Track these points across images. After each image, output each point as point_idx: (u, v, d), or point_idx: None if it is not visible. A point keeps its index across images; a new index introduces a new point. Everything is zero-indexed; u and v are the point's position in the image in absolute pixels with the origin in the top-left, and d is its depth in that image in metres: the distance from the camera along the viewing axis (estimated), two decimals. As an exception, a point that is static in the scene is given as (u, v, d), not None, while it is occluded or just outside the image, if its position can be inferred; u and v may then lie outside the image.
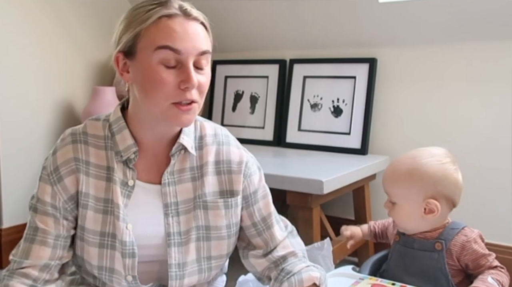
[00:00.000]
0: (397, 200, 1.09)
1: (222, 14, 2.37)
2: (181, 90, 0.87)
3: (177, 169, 0.97)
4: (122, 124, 0.95)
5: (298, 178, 1.60)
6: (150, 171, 0.97)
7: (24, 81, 2.07)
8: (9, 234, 2.01)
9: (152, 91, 0.87)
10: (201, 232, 0.96)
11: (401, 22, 2.03)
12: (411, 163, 1.08)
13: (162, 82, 0.86)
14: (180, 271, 0.94)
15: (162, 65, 0.86)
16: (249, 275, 1.10)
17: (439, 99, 2.05)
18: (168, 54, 0.86)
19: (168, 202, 0.95)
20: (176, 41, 0.85)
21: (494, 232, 1.92)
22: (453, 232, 1.07)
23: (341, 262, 0.91)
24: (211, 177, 0.98)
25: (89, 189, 0.93)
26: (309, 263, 0.99)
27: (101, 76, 2.41)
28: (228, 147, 1.02)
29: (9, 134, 2.01)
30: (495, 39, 1.91)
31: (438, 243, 1.06)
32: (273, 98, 2.40)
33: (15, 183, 2.04)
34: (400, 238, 1.13)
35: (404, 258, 1.11)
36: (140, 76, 0.89)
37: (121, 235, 0.91)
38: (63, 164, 0.93)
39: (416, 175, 1.06)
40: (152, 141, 0.96)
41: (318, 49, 2.32)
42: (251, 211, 1.01)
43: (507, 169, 1.91)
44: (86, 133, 0.96)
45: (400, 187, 1.08)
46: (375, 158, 2.07)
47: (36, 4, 2.09)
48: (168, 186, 0.95)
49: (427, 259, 1.06)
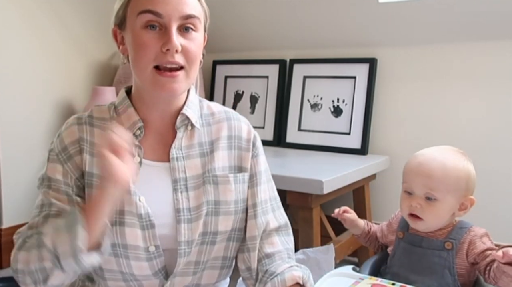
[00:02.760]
0: (441, 195, 1.05)
1: (222, 14, 2.37)
2: (164, 53, 0.87)
3: (185, 144, 0.97)
4: (127, 103, 0.96)
5: (298, 178, 1.60)
6: (157, 149, 0.97)
7: (24, 81, 2.07)
8: (9, 234, 2.01)
9: (137, 56, 0.88)
10: (210, 207, 0.95)
11: (401, 22, 2.03)
12: (457, 158, 1.08)
13: (144, 46, 0.87)
14: (188, 248, 0.93)
15: (145, 30, 0.87)
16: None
17: (439, 99, 2.05)
18: (150, 18, 0.87)
19: (177, 177, 0.94)
20: (158, 4, 0.86)
21: (494, 232, 1.92)
22: (462, 231, 1.07)
23: (341, 262, 0.91)
24: (222, 151, 0.98)
25: (93, 168, 0.93)
26: (292, 263, 0.98)
27: (101, 76, 2.41)
28: (239, 123, 1.03)
29: (9, 134, 2.01)
30: (495, 39, 1.91)
31: (448, 242, 1.06)
32: (273, 98, 2.40)
33: (15, 183, 2.04)
34: (405, 235, 1.13)
35: (410, 256, 1.10)
36: (129, 44, 0.91)
37: (135, 209, 0.90)
38: (71, 143, 0.94)
39: (464, 169, 1.07)
40: (156, 118, 0.96)
41: (318, 49, 2.32)
42: (254, 191, 1.01)
43: (508, 168, 1.91)
44: (92, 117, 0.97)
45: (450, 181, 1.05)
46: (375, 158, 2.07)
47: (36, 4, 2.09)
48: (176, 161, 0.95)
49: (436, 257, 1.06)
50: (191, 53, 0.89)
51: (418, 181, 1.06)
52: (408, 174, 1.10)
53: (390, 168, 2.09)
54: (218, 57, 2.59)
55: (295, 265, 0.97)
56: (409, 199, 1.08)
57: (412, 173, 1.09)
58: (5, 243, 1.99)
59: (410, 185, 1.08)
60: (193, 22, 0.90)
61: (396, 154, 2.12)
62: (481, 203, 1.94)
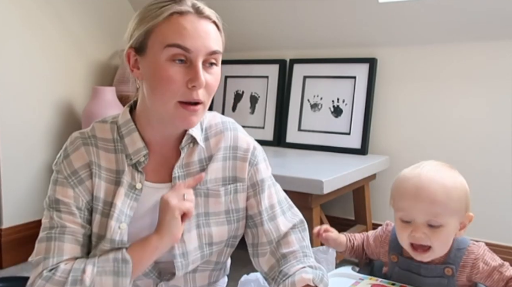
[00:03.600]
0: (445, 221, 0.95)
1: (223, 14, 2.36)
2: (188, 89, 0.86)
3: (185, 162, 0.97)
4: (132, 127, 0.95)
5: (298, 178, 1.60)
6: (159, 170, 0.96)
7: (24, 81, 2.07)
8: (9, 234, 2.01)
9: (159, 88, 0.87)
10: (201, 219, 0.96)
11: (401, 22, 2.03)
12: (453, 175, 0.99)
13: (170, 80, 0.86)
14: (185, 260, 0.94)
15: (171, 63, 0.86)
16: (251, 275, 1.10)
17: (439, 99, 2.05)
18: (178, 52, 0.85)
19: None
20: (186, 39, 0.85)
21: (494, 232, 1.92)
22: (461, 253, 0.99)
23: (341, 262, 0.90)
24: (216, 163, 0.98)
25: (100, 193, 0.92)
26: (308, 262, 0.97)
27: (101, 76, 2.41)
28: (235, 133, 1.02)
29: (9, 134, 2.01)
30: (495, 39, 1.91)
31: (448, 268, 0.98)
32: (273, 98, 2.40)
33: (15, 183, 2.04)
34: (399, 259, 1.04)
35: (407, 282, 1.02)
36: (149, 73, 0.89)
37: (110, 234, 0.89)
38: (82, 168, 0.92)
39: (462, 187, 0.98)
40: (161, 141, 0.96)
41: (318, 49, 2.32)
42: (258, 200, 1.00)
43: (508, 168, 1.91)
44: (95, 137, 0.96)
45: (454, 204, 0.95)
46: (375, 158, 2.07)
47: (36, 4, 2.09)
48: (178, 180, 0.95)
49: (436, 285, 0.99)
50: (212, 88, 0.90)
51: (420, 208, 0.95)
52: (405, 201, 0.97)
53: (390, 168, 2.09)
54: (218, 57, 2.58)
55: (308, 266, 0.95)
56: (408, 228, 0.97)
57: (410, 199, 0.96)
58: (5, 243, 1.99)
59: (408, 213, 0.96)
60: (217, 57, 0.91)
61: (396, 154, 2.12)
62: (481, 203, 1.95)
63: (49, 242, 0.89)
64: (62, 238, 0.89)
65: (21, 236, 2.04)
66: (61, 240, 0.89)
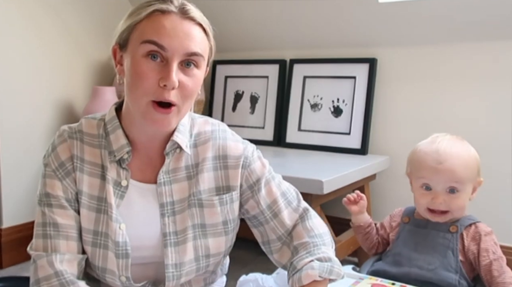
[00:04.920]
0: (462, 186, 1.08)
1: (222, 14, 2.37)
2: (161, 88, 0.85)
3: (172, 168, 0.95)
4: (116, 124, 0.95)
5: (298, 178, 1.60)
6: (144, 170, 0.96)
7: (24, 81, 2.07)
8: (9, 234, 2.01)
9: (133, 84, 0.87)
10: (197, 231, 0.95)
11: (401, 22, 2.03)
12: (466, 146, 1.13)
13: (143, 75, 0.85)
14: (177, 271, 0.93)
15: (146, 59, 0.85)
16: (250, 275, 1.11)
17: (439, 99, 2.05)
18: (153, 48, 0.85)
19: (164, 202, 0.94)
20: (163, 37, 0.84)
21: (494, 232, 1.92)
22: (469, 221, 1.11)
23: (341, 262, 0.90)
24: (207, 173, 0.97)
25: (83, 186, 0.92)
26: (317, 254, 0.93)
27: (101, 76, 2.41)
28: (225, 142, 1.00)
29: (9, 134, 2.01)
30: (495, 39, 1.91)
31: (453, 225, 1.09)
32: (273, 98, 2.40)
33: (15, 183, 2.04)
34: (410, 219, 1.16)
35: (414, 236, 1.13)
36: (127, 68, 0.89)
37: (114, 235, 0.90)
38: (67, 160, 0.93)
39: (475, 155, 1.12)
40: (145, 140, 0.95)
41: (318, 49, 2.32)
42: (257, 199, 0.99)
43: (508, 168, 1.91)
44: (81, 132, 0.96)
45: (470, 171, 1.09)
46: (375, 158, 2.07)
47: (37, 4, 2.09)
48: (163, 186, 0.94)
49: (440, 238, 1.09)
50: (187, 90, 0.87)
51: (440, 178, 1.08)
52: (426, 170, 1.09)
53: (390, 168, 2.09)
54: (218, 57, 2.58)
55: (317, 259, 0.92)
56: (428, 194, 1.10)
57: (431, 169, 1.08)
58: (5, 243, 1.99)
59: (429, 181, 1.09)
60: (196, 59, 0.88)
61: (396, 154, 2.12)
62: (482, 203, 1.95)
63: (46, 239, 0.90)
64: (57, 236, 0.90)
65: (21, 236, 2.04)
66: (57, 238, 0.90)
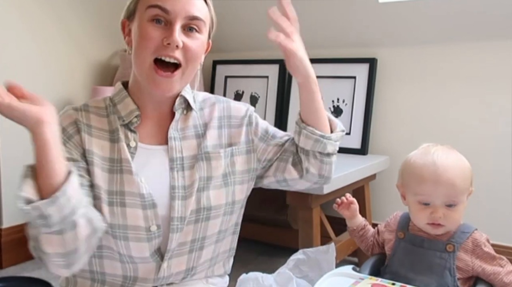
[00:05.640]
0: (460, 199, 1.05)
1: (222, 14, 2.36)
2: (164, 46, 0.90)
3: (181, 126, 1.01)
4: (124, 94, 0.99)
5: (298, 178, 1.59)
6: (154, 134, 1.00)
7: (24, 81, 2.05)
8: (9, 234, 2.01)
9: (138, 47, 0.92)
10: (202, 183, 0.98)
11: (401, 22, 2.03)
12: (459, 156, 1.09)
13: (147, 37, 0.90)
14: (181, 224, 0.95)
15: (150, 23, 0.91)
16: (250, 274, 1.11)
17: (439, 99, 2.05)
18: (157, 12, 0.90)
19: (174, 157, 0.98)
20: (167, 1, 0.90)
21: (494, 232, 1.92)
22: (464, 236, 1.07)
23: (341, 262, 0.91)
24: (213, 130, 1.03)
25: (92, 147, 0.94)
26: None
27: (101, 76, 2.41)
28: (229, 104, 1.09)
29: (9, 134, 2.01)
30: (494, 39, 1.91)
31: (449, 244, 1.06)
32: (273, 98, 2.40)
33: (15, 183, 2.02)
34: (405, 235, 1.13)
35: (410, 255, 1.10)
36: (134, 35, 0.94)
37: (138, 188, 0.92)
38: (69, 125, 0.96)
39: (468, 166, 1.09)
40: (153, 107, 0.99)
41: (318, 49, 2.32)
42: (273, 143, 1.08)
43: (507, 168, 1.91)
44: (87, 105, 1.01)
45: (467, 183, 1.07)
46: (375, 158, 2.07)
47: (36, 4, 2.09)
48: (174, 141, 0.99)
49: (437, 258, 1.06)
50: (191, 51, 0.92)
51: (440, 192, 1.03)
52: (424, 186, 1.05)
53: (390, 168, 2.09)
54: (218, 57, 2.58)
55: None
56: (427, 210, 1.05)
57: (430, 185, 1.04)
58: (5, 243, 1.99)
59: (428, 197, 1.05)
60: (198, 24, 0.93)
61: (396, 154, 2.12)
62: (481, 203, 1.95)
63: None
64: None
65: (21, 236, 2.04)
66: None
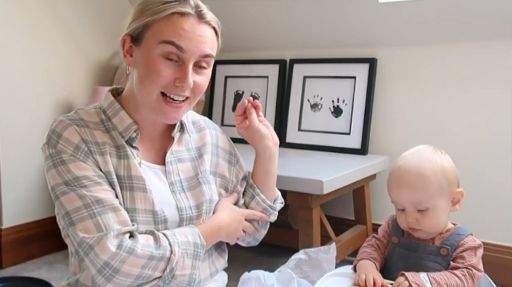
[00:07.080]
0: (431, 204, 1.03)
1: (222, 14, 2.35)
2: (175, 86, 0.91)
3: (175, 149, 1.02)
4: (117, 107, 0.97)
5: (298, 178, 1.60)
6: (150, 151, 1.00)
7: (24, 81, 2.07)
8: (9, 234, 2.01)
9: (147, 79, 0.91)
10: (208, 205, 1.02)
11: (401, 22, 2.03)
12: (431, 159, 1.06)
13: (159, 74, 0.90)
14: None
15: (163, 58, 0.90)
16: (252, 272, 1.11)
17: (439, 99, 2.05)
18: (172, 49, 0.89)
19: (173, 180, 0.99)
20: (182, 39, 0.89)
21: (494, 232, 1.92)
22: (459, 238, 1.05)
23: (341, 262, 0.91)
24: (208, 155, 1.07)
25: (109, 167, 0.91)
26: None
27: (101, 76, 2.41)
28: (216, 132, 1.13)
29: (9, 134, 2.01)
30: (495, 39, 1.91)
31: (443, 248, 1.05)
32: (273, 98, 2.40)
33: (15, 183, 2.04)
34: (400, 240, 1.11)
35: (405, 261, 1.09)
36: (141, 63, 0.92)
37: (151, 206, 0.93)
38: (81, 142, 0.91)
39: (439, 168, 1.05)
40: (148, 123, 0.99)
41: (318, 49, 2.32)
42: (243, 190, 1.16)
43: (507, 168, 1.90)
44: (83, 120, 0.95)
45: (433, 188, 1.03)
46: (375, 158, 2.07)
47: (36, 4, 2.09)
48: (171, 165, 1.00)
49: (432, 262, 1.05)
50: (200, 88, 0.95)
51: (403, 198, 1.04)
52: (392, 192, 1.08)
53: (390, 168, 2.09)
54: (218, 57, 2.56)
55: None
56: (403, 214, 1.07)
57: (394, 190, 1.07)
58: (5, 243, 1.99)
59: (398, 202, 1.07)
60: (209, 61, 0.96)
61: (396, 154, 2.09)
62: (480, 202, 1.95)
63: (95, 218, 0.85)
64: (104, 211, 0.86)
65: (21, 236, 2.04)
66: (105, 213, 0.86)
